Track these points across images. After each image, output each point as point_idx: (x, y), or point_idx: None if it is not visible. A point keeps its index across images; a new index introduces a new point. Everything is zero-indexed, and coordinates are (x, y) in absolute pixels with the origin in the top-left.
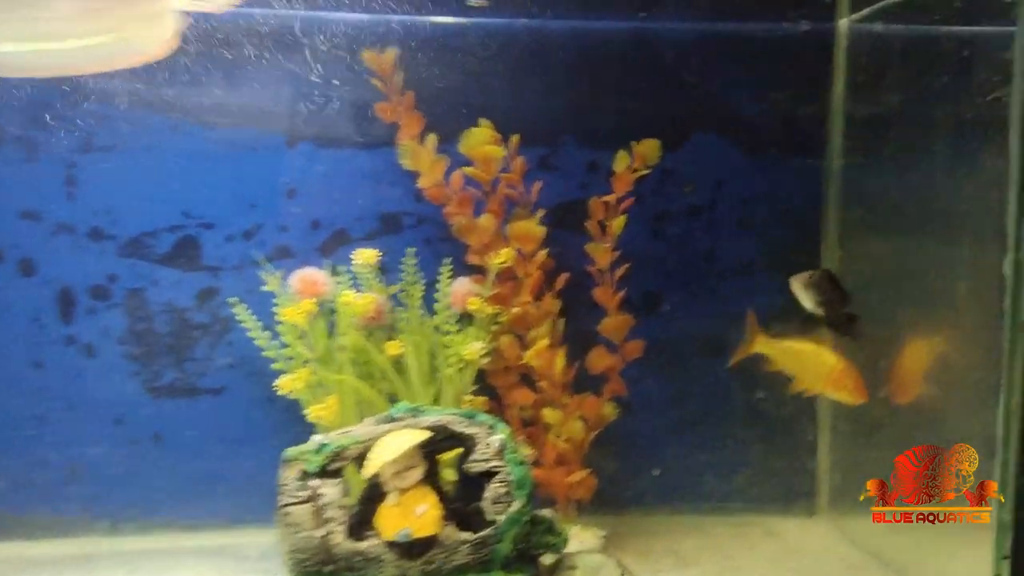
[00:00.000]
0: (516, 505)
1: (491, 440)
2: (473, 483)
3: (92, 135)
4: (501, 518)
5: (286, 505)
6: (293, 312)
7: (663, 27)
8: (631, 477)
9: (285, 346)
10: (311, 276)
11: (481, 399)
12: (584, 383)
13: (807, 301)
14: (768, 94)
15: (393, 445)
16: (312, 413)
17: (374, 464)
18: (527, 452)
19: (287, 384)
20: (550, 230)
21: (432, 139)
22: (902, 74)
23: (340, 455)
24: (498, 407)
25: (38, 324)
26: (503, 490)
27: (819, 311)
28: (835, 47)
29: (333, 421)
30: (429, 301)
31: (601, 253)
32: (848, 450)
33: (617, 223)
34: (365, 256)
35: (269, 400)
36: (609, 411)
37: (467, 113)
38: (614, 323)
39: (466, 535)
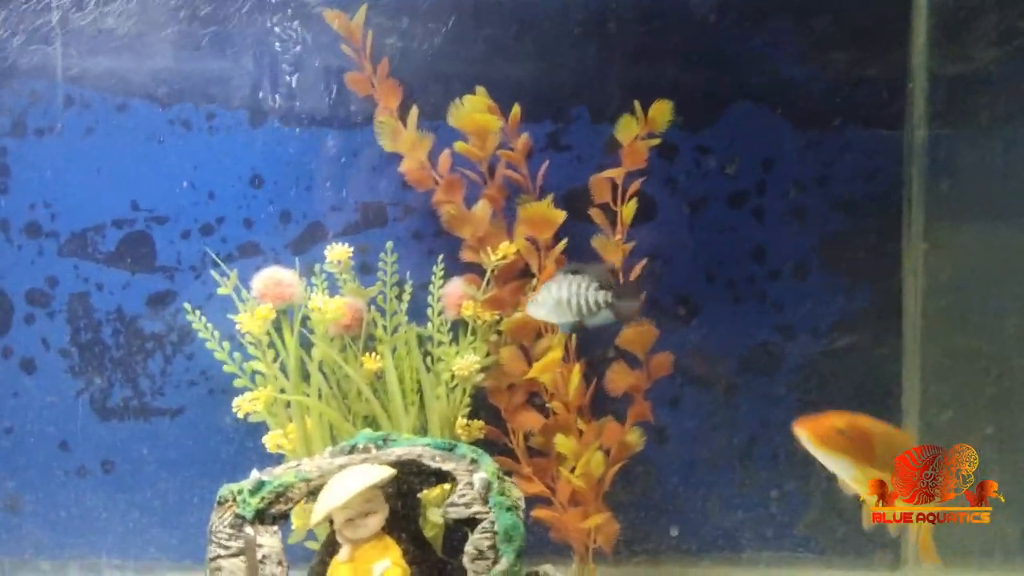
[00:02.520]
0: (503, 563)
1: (474, 479)
2: (456, 532)
3: (23, 116)
4: None
5: (216, 558)
6: (249, 320)
7: None
8: (664, 520)
9: (251, 359)
10: (275, 277)
11: (478, 424)
12: (605, 406)
13: (561, 316)
14: (825, 53)
15: (344, 486)
16: (270, 442)
17: (321, 510)
18: (518, 494)
19: (245, 405)
20: None
21: (414, 113)
22: (998, 18)
23: (283, 496)
24: (501, 433)
25: None
26: (487, 543)
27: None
28: None
29: (297, 452)
30: (422, 307)
31: (611, 248)
32: None
33: (628, 209)
34: (337, 253)
35: (236, 422)
36: (634, 440)
37: (459, 84)
38: (634, 334)
39: None
